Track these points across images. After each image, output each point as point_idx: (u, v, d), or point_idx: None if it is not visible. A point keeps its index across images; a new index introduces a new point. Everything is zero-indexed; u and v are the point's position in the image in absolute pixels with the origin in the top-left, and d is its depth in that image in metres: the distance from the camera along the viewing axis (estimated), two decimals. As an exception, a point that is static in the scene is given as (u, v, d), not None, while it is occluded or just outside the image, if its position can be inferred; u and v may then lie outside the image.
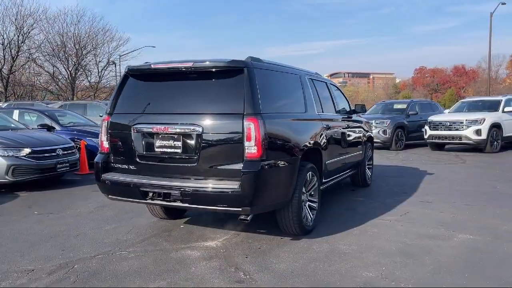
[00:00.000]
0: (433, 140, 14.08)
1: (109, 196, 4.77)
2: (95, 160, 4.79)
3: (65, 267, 4.06)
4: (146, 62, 4.93)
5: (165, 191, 4.25)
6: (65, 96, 35.95)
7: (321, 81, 6.26)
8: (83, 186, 8.16)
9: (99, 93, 39.24)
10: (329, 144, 5.60)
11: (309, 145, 4.89)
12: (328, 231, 5.06)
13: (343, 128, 6.43)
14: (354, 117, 7.23)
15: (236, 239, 4.83)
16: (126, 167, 4.60)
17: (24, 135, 8.10)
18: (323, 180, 5.49)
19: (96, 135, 10.55)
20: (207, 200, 4.15)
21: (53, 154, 7.89)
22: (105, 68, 39.04)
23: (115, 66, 39.20)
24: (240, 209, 4.09)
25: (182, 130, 4.25)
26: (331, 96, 6.46)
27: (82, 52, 36.48)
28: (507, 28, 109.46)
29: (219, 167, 4.16)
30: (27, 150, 7.53)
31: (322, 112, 5.75)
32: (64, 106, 14.72)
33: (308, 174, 4.84)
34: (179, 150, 4.31)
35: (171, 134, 4.31)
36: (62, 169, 8.03)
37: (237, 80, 4.18)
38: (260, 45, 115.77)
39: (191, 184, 4.18)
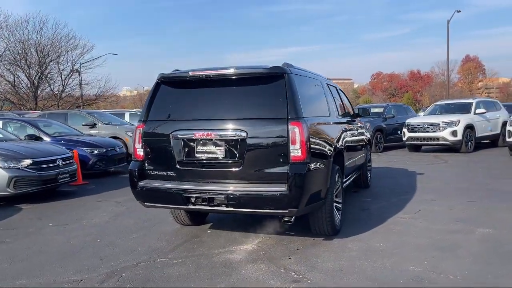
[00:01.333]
0: (412, 142, 14.67)
1: (145, 203, 4.76)
2: (130, 168, 4.77)
3: (113, 275, 4.04)
4: (176, 70, 4.97)
5: (210, 195, 4.31)
6: (27, 106, 34.62)
7: (333, 86, 6.48)
8: (85, 197, 8.00)
9: (62, 103, 38.05)
10: (347, 147, 5.81)
11: (337, 147, 5.08)
12: (354, 230, 5.25)
13: (353, 131, 6.67)
14: (357, 120, 7.50)
15: (269, 241, 4.93)
16: (165, 173, 4.61)
17: (24, 146, 7.86)
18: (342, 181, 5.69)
19: (85, 144, 10.38)
20: (254, 203, 4.25)
21: (54, 164, 7.70)
22: (69, 76, 37.94)
23: (79, 74, 38.21)
24: (286, 211, 4.21)
25: (227, 136, 4.33)
26: (342, 101, 6.70)
27: (45, 60, 35.31)
28: (457, 34, 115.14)
29: (264, 171, 4.27)
30: (28, 161, 7.32)
31: (339, 116, 5.96)
32: (42, 116, 14.26)
33: (336, 175, 5.02)
34: (221, 155, 4.38)
35: (213, 139, 4.38)
36: (63, 180, 7.85)
37: (278, 86, 4.31)
38: (221, 52, 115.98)
39: (237, 188, 4.26)
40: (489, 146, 15.47)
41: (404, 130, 14.85)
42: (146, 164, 4.72)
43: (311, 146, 4.29)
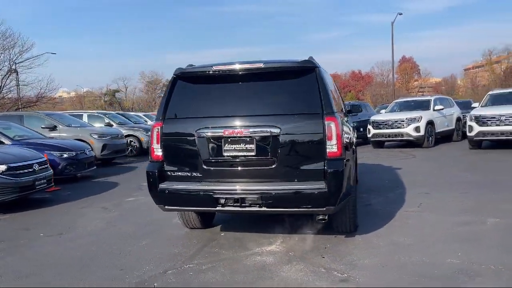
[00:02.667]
0: (377, 139, 15.08)
1: (166, 207, 4.46)
2: (148, 169, 4.45)
3: (144, 285, 3.73)
4: (189, 65, 4.71)
5: (242, 196, 4.10)
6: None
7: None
8: (65, 204, 7.42)
9: (-1, 105, 35.50)
10: (355, 142, 5.80)
11: (355, 142, 5.05)
12: (369, 226, 5.21)
13: (353, 127, 6.69)
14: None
15: (291, 241, 4.78)
16: (189, 174, 4.34)
17: (-4, 150, 7.16)
18: None
19: (53, 147, 9.68)
20: (290, 202, 4.09)
21: (30, 170, 7.08)
22: (7, 76, 35.48)
23: (17, 74, 35.86)
24: (324, 208, 4.10)
25: (259, 133, 4.14)
26: (341, 97, 6.69)
27: (-20, 60, 32.81)
28: (394, 36, 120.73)
29: (298, 168, 4.13)
30: (2, 167, 6.67)
31: (343, 111, 5.94)
32: (-7, 118, 13.13)
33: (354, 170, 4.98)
34: (253, 153, 4.18)
35: (243, 137, 4.17)
36: (40, 187, 7.24)
37: (310, 80, 4.18)
38: (165, 52, 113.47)
39: (272, 187, 4.08)
40: (445, 141, 16.22)
41: (369, 127, 15.23)
42: (166, 165, 4.42)
43: (344, 141, 4.21)
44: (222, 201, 4.17)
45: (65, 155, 9.59)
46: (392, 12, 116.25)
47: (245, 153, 4.20)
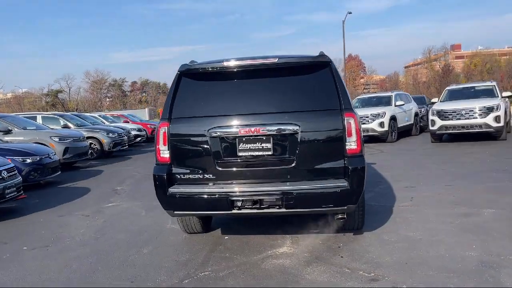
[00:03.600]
0: None
1: (176, 212, 4.18)
2: (155, 173, 4.15)
3: (166, 299, 3.47)
4: (192, 61, 4.45)
5: (261, 197, 3.91)
6: None
7: None
8: (38, 213, 6.86)
9: None
10: None
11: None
12: (371, 222, 5.17)
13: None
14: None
15: (301, 242, 4.65)
16: (200, 176, 4.09)
17: (-40, 157, 6.49)
18: None
19: (15, 152, 8.97)
20: (312, 202, 3.96)
21: (-1, 177, 6.48)
22: None
23: None
24: (345, 207, 4.00)
25: (277, 131, 3.96)
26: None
27: None
28: (338, 35, 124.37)
29: (318, 166, 4.01)
30: (-32, 176, 6.05)
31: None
32: None
33: None
34: (270, 152, 4.00)
35: (259, 135, 3.98)
36: (11, 195, 6.65)
37: (326, 75, 4.07)
38: (105, 50, 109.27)
39: (294, 187, 3.92)
40: (405, 135, 16.74)
41: None
42: (174, 167, 4.14)
43: (362, 137, 4.13)
44: (239, 203, 3.96)
45: (28, 160, 8.90)
46: (335, 12, 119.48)
47: (262, 153, 4.01)
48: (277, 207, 3.96)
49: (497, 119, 12.69)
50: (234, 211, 4.03)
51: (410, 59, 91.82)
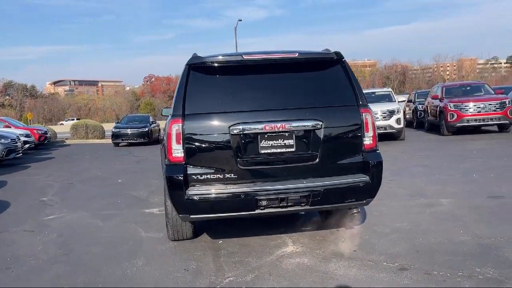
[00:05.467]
0: None
1: (192, 216, 3.85)
2: (169, 174, 3.77)
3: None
4: (194, 54, 4.18)
5: (287, 195, 3.80)
6: None
7: None
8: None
9: None
10: None
11: None
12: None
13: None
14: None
15: (302, 239, 4.64)
16: (220, 176, 3.82)
17: None
18: None
19: None
20: (337, 198, 3.96)
21: None
22: None
23: None
24: (364, 201, 4.09)
25: (302, 127, 3.89)
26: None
27: None
28: (221, 41, 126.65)
29: (339, 162, 4.04)
30: None
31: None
32: None
33: None
34: (292, 149, 3.91)
35: (282, 132, 3.86)
36: None
37: (341, 72, 4.11)
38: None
39: (321, 183, 3.88)
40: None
41: None
42: (190, 168, 3.81)
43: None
44: (264, 203, 3.80)
45: None
46: (215, 19, 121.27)
47: (286, 149, 3.91)
48: (302, 204, 3.89)
49: (398, 121, 14.04)
50: (257, 211, 3.86)
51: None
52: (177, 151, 3.80)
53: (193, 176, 3.81)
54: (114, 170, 11.62)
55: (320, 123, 3.92)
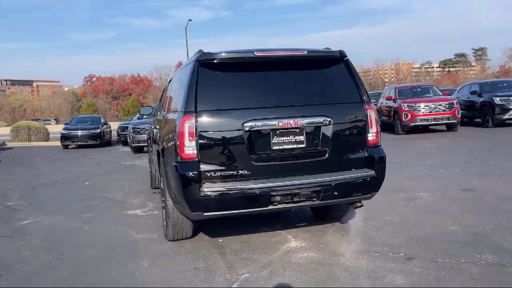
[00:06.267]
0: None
1: (205, 213, 3.79)
2: (183, 171, 3.70)
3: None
4: (200, 50, 4.14)
5: (299, 191, 3.85)
6: None
7: None
8: None
9: None
10: None
11: None
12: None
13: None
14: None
15: (303, 235, 4.72)
16: (234, 172, 3.80)
17: None
18: None
19: None
20: (346, 192, 4.06)
21: None
22: None
23: None
24: (369, 195, 4.22)
25: (313, 123, 3.96)
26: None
27: None
28: (166, 41, 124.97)
29: (346, 157, 4.15)
30: None
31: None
32: None
33: None
34: (302, 145, 3.97)
35: (293, 128, 3.91)
36: None
37: (345, 69, 4.23)
38: None
39: (332, 178, 3.97)
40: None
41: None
42: (203, 165, 3.77)
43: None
44: (278, 198, 3.83)
45: None
46: (160, 18, 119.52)
47: (297, 146, 3.96)
48: (314, 199, 3.96)
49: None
50: (270, 207, 3.88)
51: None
52: (190, 148, 3.75)
53: (206, 173, 3.78)
54: (75, 172, 11.14)
55: (329, 119, 4.02)
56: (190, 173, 3.71)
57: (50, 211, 6.60)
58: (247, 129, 3.81)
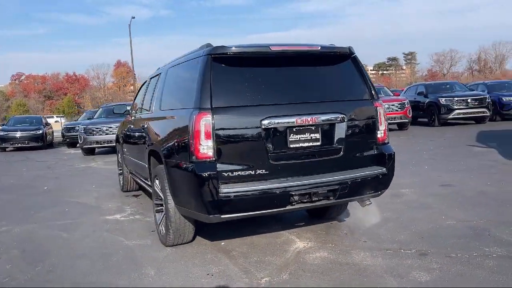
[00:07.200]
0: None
1: (223, 216, 3.58)
2: (200, 172, 3.46)
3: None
4: (208, 44, 3.93)
5: (317, 190, 3.75)
6: None
7: None
8: None
9: None
10: None
11: None
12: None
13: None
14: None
15: (307, 235, 4.62)
16: (252, 172, 3.62)
17: None
18: None
19: None
20: (361, 189, 4.02)
21: None
22: None
23: None
24: (379, 192, 4.21)
25: (329, 120, 3.87)
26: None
27: None
28: (99, 39, 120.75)
29: (358, 155, 4.10)
30: None
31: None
32: None
33: None
34: (318, 143, 3.87)
35: (310, 125, 3.80)
36: None
37: (354, 66, 4.19)
38: None
39: (348, 176, 3.90)
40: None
41: None
42: (219, 164, 3.55)
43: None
44: (296, 198, 3.70)
45: None
46: (94, 15, 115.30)
47: (310, 143, 3.85)
48: (330, 198, 3.88)
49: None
50: (288, 207, 3.74)
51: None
52: (207, 147, 3.52)
53: (223, 173, 3.57)
54: (27, 176, 10.33)
55: (343, 116, 3.95)
56: (208, 174, 3.48)
57: (16, 219, 6.02)
58: (265, 126, 3.65)
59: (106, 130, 14.10)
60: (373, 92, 4.20)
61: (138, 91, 6.78)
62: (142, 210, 6.13)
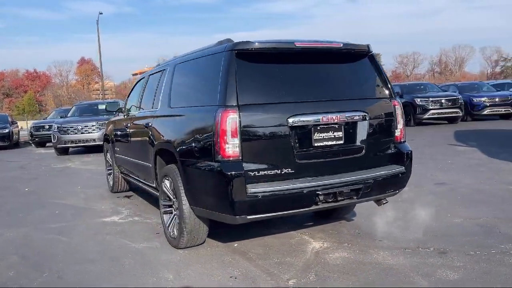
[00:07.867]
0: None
1: (249, 216, 3.46)
2: (226, 171, 3.33)
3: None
4: (229, 39, 3.81)
5: (342, 189, 3.69)
6: None
7: None
8: None
9: None
10: None
11: None
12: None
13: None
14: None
15: (319, 235, 4.56)
16: (278, 171, 3.52)
17: None
18: None
19: None
20: (382, 188, 4.00)
21: None
22: None
23: None
24: (397, 191, 4.20)
25: (353, 118, 3.83)
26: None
27: None
28: (57, 35, 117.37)
29: (379, 153, 4.09)
30: None
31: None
32: None
33: None
34: (341, 141, 3.81)
35: (333, 124, 3.74)
36: None
37: (372, 64, 4.16)
38: None
39: (371, 175, 3.86)
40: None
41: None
42: (245, 164, 3.44)
43: None
44: (321, 198, 3.63)
45: None
46: (55, 11, 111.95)
47: (334, 142, 3.79)
48: (354, 197, 3.83)
49: None
50: (313, 207, 3.67)
51: (139, 67, 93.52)
52: (233, 146, 3.40)
53: (250, 173, 3.45)
54: (3, 178, 9.84)
55: (366, 114, 3.92)
56: (236, 173, 3.36)
57: (5, 223, 5.69)
58: (291, 124, 3.57)
59: (82, 129, 13.63)
60: (391, 90, 4.19)
61: (132, 89, 6.54)
62: (139, 212, 5.92)
